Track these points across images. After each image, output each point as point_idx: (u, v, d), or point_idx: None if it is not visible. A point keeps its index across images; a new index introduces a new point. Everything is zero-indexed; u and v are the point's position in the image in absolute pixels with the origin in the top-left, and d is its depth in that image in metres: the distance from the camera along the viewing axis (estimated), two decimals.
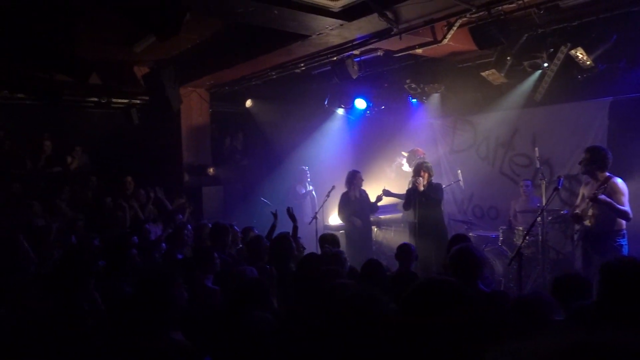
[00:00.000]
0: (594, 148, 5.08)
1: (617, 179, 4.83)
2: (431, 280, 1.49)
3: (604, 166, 4.87)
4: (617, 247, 4.75)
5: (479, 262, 3.24)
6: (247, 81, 8.53)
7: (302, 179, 8.70)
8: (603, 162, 4.86)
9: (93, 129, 9.76)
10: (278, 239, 4.50)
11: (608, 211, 4.75)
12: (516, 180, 7.78)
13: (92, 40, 5.56)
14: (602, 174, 4.87)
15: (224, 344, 2.52)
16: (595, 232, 4.91)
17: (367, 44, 6.34)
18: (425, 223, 6.07)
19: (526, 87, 6.99)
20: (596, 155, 4.92)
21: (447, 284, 1.45)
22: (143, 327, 2.41)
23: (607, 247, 4.75)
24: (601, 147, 5.10)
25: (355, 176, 7.32)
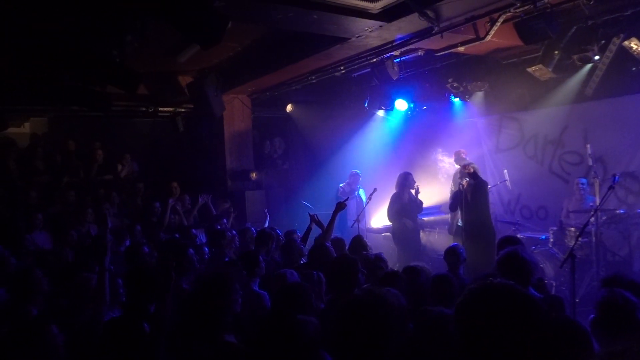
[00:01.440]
0: None
1: None
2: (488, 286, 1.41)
3: None
4: None
5: (529, 267, 3.11)
6: (287, 86, 8.62)
7: (353, 182, 8.60)
8: None
9: (141, 137, 10.15)
10: (316, 246, 4.52)
11: None
12: (567, 179, 7.48)
13: (140, 52, 5.77)
14: None
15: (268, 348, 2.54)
16: None
17: (407, 45, 6.26)
18: (471, 225, 5.92)
19: (576, 81, 6.73)
20: None
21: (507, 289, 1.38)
22: (200, 329, 2.46)
23: None
24: None
25: (408, 178, 7.26)
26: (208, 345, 2.49)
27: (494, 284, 1.40)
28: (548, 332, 1.32)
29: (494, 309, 1.33)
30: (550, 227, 6.83)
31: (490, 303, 1.34)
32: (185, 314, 2.57)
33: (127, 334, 2.85)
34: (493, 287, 1.38)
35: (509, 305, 1.32)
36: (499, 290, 1.37)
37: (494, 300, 1.34)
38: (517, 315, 1.30)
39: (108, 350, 2.78)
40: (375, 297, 1.85)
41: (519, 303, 1.32)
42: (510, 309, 1.32)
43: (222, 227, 7.01)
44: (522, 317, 1.30)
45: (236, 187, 9.39)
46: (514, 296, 1.34)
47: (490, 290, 1.38)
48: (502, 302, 1.33)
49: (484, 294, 1.37)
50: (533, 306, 1.32)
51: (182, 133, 9.79)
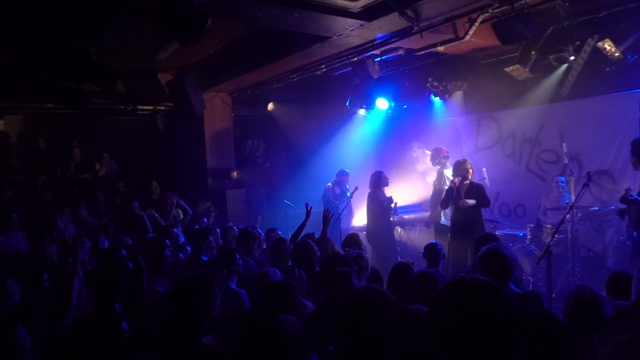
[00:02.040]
0: (636, 141, 4.89)
1: None
2: (461, 281, 1.44)
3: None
4: None
5: (510, 263, 3.16)
6: (268, 84, 8.59)
7: (342, 182, 8.54)
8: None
9: (120, 135, 10.01)
10: (300, 244, 4.51)
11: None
12: (543, 177, 7.62)
13: (118, 49, 5.68)
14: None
15: (249, 347, 2.53)
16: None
17: (387, 44, 6.31)
18: (463, 223, 5.96)
19: (552, 81, 6.85)
20: (637, 148, 4.76)
21: (479, 283, 1.40)
22: (177, 331, 2.43)
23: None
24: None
25: (382, 176, 7.32)
26: (184, 348, 2.47)
27: (466, 279, 1.42)
28: (521, 325, 1.35)
29: (466, 304, 1.35)
30: (527, 225, 6.96)
31: (462, 298, 1.36)
32: (162, 316, 2.54)
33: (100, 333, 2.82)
34: (465, 282, 1.41)
35: (481, 299, 1.35)
36: (471, 285, 1.39)
37: (466, 295, 1.37)
38: (489, 309, 1.33)
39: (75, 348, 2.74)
40: (377, 293, 1.88)
41: (491, 297, 1.35)
42: (483, 303, 1.34)
43: (201, 226, 6.97)
44: (494, 310, 1.33)
45: (217, 186, 9.33)
46: (485, 290, 1.36)
47: (462, 285, 1.40)
48: (474, 297, 1.36)
49: (456, 289, 1.39)
50: (505, 300, 1.35)
51: (162, 131, 9.69)
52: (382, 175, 7.35)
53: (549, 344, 2.16)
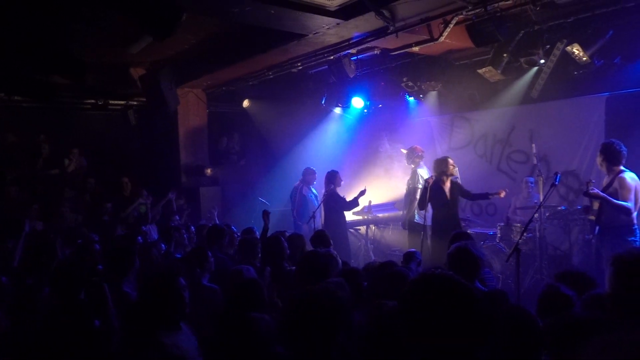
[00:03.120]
0: (604, 144, 5.04)
1: (627, 173, 4.79)
2: (426, 276, 1.47)
3: (615, 160, 4.84)
4: (625, 242, 4.66)
5: (476, 261, 3.23)
6: (244, 81, 8.53)
7: (310, 180, 8.39)
8: (613, 156, 4.85)
9: (90, 130, 9.75)
10: (270, 239, 4.50)
11: (608, 206, 4.75)
12: (513, 177, 7.80)
13: (88, 42, 5.54)
14: (616, 168, 4.85)
15: (221, 344, 2.52)
16: (602, 227, 4.91)
17: (363, 43, 6.35)
18: (446, 223, 5.97)
19: (523, 83, 7.01)
20: (605, 149, 4.92)
21: (445, 278, 1.43)
22: (149, 327, 2.40)
23: (614, 242, 4.70)
24: (612, 142, 4.99)
25: (336, 176, 7.39)
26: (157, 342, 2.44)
27: (429, 274, 1.46)
28: (485, 320, 1.38)
29: (433, 298, 1.38)
30: (498, 223, 7.11)
31: (429, 292, 1.39)
32: (132, 314, 2.51)
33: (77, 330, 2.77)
34: (428, 277, 1.44)
35: (446, 293, 1.38)
36: (434, 279, 1.43)
37: (433, 290, 1.40)
38: (455, 303, 1.36)
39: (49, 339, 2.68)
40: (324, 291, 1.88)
41: (456, 291, 1.38)
42: (448, 297, 1.37)
43: (174, 223, 6.88)
44: (458, 304, 1.36)
45: (191, 183, 9.21)
46: (448, 284, 1.40)
47: (426, 279, 1.44)
48: (439, 291, 1.39)
49: (423, 284, 1.42)
50: (467, 294, 1.38)
51: (134, 127, 9.50)
52: (337, 175, 7.39)
53: (524, 340, 2.21)
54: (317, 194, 8.37)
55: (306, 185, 8.28)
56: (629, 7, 5.28)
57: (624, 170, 4.83)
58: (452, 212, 6.09)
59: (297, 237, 5.02)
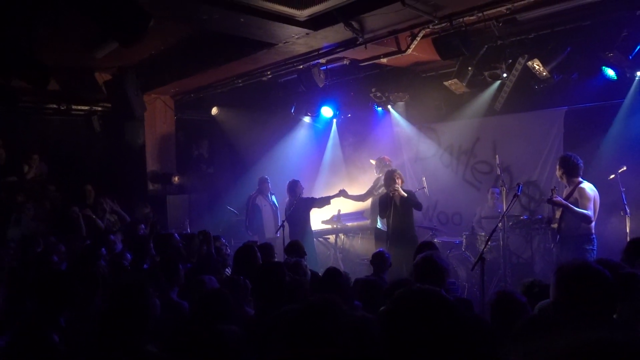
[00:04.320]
0: (563, 157, 5.24)
1: (586, 184, 4.98)
2: (416, 291, 1.49)
3: (574, 172, 5.04)
4: (583, 251, 4.85)
5: (442, 271, 3.27)
6: (212, 89, 8.46)
7: (265, 190, 8.30)
8: (572, 169, 5.05)
9: (52, 136, 9.42)
10: (243, 249, 4.44)
11: (570, 214, 4.93)
12: (478, 186, 7.99)
13: (52, 45, 5.38)
14: (575, 180, 5.05)
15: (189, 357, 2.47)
16: (562, 236, 5.09)
17: (333, 53, 6.42)
18: (398, 231, 6.08)
19: (487, 96, 7.20)
20: (564, 163, 5.12)
21: (431, 293, 1.45)
22: (120, 340, 2.34)
23: (573, 251, 4.87)
24: (569, 155, 5.21)
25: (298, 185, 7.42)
26: (130, 356, 2.37)
27: (419, 290, 1.48)
28: (465, 332, 1.41)
29: (420, 313, 1.41)
30: (463, 232, 7.25)
31: (417, 308, 1.41)
32: (102, 326, 2.43)
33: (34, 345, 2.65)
34: (418, 293, 1.46)
35: (433, 309, 1.41)
36: (423, 295, 1.46)
37: (421, 305, 1.42)
38: (441, 318, 1.40)
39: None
40: (329, 303, 1.90)
41: (442, 306, 1.41)
42: (435, 313, 1.40)
43: (141, 232, 6.70)
44: (444, 319, 1.39)
45: (157, 191, 9.03)
46: (436, 300, 1.42)
47: (415, 295, 1.46)
48: (427, 307, 1.42)
49: (411, 300, 1.44)
50: (454, 309, 1.41)
51: (99, 133, 9.25)
52: (298, 183, 7.43)
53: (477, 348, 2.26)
54: (276, 203, 8.32)
55: (261, 194, 8.20)
56: (586, 25, 5.55)
57: (582, 181, 5.03)
58: (403, 222, 6.18)
59: (268, 247, 4.97)
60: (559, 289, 2.07)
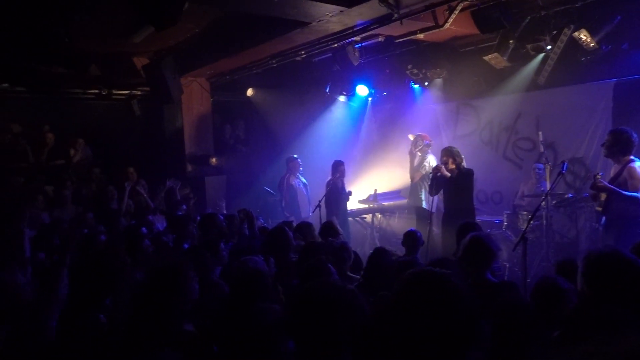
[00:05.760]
0: (616, 130, 4.85)
1: (637, 163, 4.60)
2: (420, 273, 1.46)
3: (627, 149, 4.65)
4: (632, 235, 4.41)
5: (490, 254, 3.21)
6: (247, 70, 8.48)
7: (295, 169, 8.30)
8: (625, 145, 4.65)
9: (95, 120, 9.75)
10: (276, 230, 4.49)
11: (616, 197, 4.66)
12: (520, 164, 7.75)
13: (90, 32, 5.50)
14: (625, 158, 4.67)
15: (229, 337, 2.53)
16: (608, 218, 4.80)
17: (367, 30, 6.28)
18: (450, 211, 5.92)
19: (529, 70, 6.92)
20: (618, 137, 4.70)
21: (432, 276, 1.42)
22: (158, 319, 2.42)
23: (620, 234, 4.57)
24: (624, 129, 4.79)
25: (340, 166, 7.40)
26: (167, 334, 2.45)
27: (418, 271, 1.45)
28: (475, 320, 1.37)
29: (421, 296, 1.38)
30: (504, 211, 7.08)
31: (414, 289, 1.40)
32: (141, 305, 2.51)
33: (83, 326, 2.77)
34: (417, 274, 1.44)
35: (434, 292, 1.38)
36: (422, 276, 1.43)
37: (418, 286, 1.40)
38: (442, 302, 1.36)
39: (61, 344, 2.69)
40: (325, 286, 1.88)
41: (441, 289, 1.38)
42: (435, 296, 1.37)
43: (182, 213, 6.87)
44: (446, 304, 1.36)
45: (196, 173, 9.22)
46: (440, 284, 1.39)
47: (415, 276, 1.43)
48: (424, 288, 1.39)
49: (410, 281, 1.43)
50: (454, 292, 1.38)
51: (139, 117, 9.50)
52: (339, 166, 7.39)
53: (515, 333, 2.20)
54: (306, 182, 8.34)
55: (292, 174, 8.22)
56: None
57: (634, 159, 4.67)
58: (461, 201, 5.97)
59: (308, 227, 5.00)
60: (586, 277, 1.96)
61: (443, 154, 6.09)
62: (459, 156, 6.04)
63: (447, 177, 5.96)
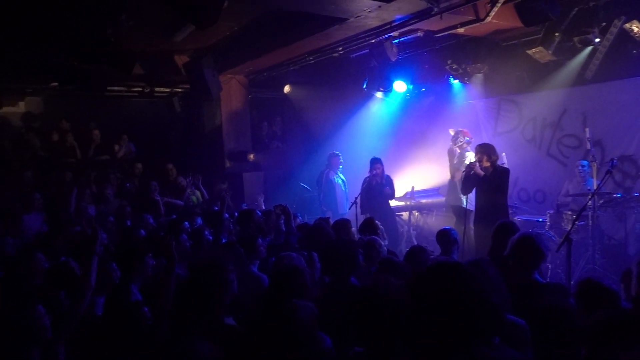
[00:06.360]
0: None
1: None
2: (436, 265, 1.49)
3: None
4: None
5: (539, 254, 3.14)
6: (285, 67, 8.54)
7: (335, 165, 8.35)
8: None
9: (137, 117, 10.07)
10: (314, 227, 4.51)
11: None
12: (565, 162, 7.47)
13: (135, 32, 5.67)
14: None
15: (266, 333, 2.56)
16: None
17: (406, 25, 6.19)
18: (483, 210, 5.76)
19: (576, 64, 6.67)
20: None
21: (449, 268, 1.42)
22: (198, 312, 2.48)
23: None
24: None
25: (375, 163, 7.32)
26: (208, 328, 2.51)
27: (436, 262, 1.53)
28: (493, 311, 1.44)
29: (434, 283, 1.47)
30: (547, 211, 6.85)
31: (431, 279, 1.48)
32: (182, 299, 2.58)
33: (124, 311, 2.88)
34: (435, 265, 1.52)
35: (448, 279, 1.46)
36: (439, 266, 1.51)
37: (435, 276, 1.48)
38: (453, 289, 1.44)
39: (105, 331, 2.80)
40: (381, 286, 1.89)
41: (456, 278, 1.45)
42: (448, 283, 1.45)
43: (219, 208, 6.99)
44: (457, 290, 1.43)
45: (234, 169, 9.37)
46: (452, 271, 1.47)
47: (431, 267, 1.52)
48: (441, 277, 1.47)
49: (426, 272, 1.51)
50: (470, 282, 1.46)
51: (179, 114, 9.73)
52: (376, 162, 7.33)
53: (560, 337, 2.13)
54: (344, 180, 8.34)
55: (332, 169, 8.24)
56: None
57: None
58: (494, 199, 5.78)
59: (345, 224, 4.98)
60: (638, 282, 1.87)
61: (477, 151, 5.91)
62: (495, 154, 5.83)
63: (480, 176, 5.80)
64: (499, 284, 2.77)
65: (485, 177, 5.76)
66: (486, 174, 5.76)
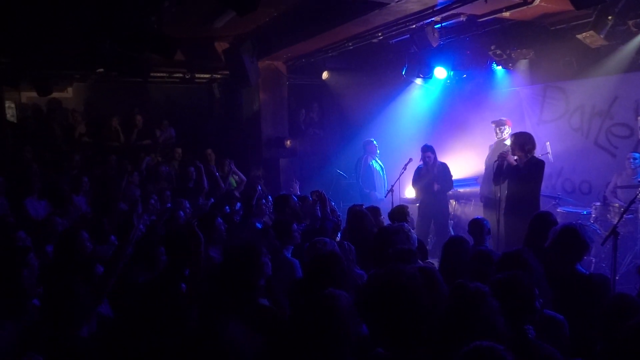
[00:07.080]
0: None
1: None
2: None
3: None
4: None
5: (583, 245, 3.08)
6: (323, 53, 8.48)
7: (372, 152, 8.48)
8: None
9: (178, 103, 10.30)
10: (354, 214, 4.49)
11: None
12: (614, 152, 7.14)
13: (176, 19, 5.76)
14: None
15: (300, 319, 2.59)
16: None
17: (449, 10, 6.01)
18: (514, 201, 5.59)
19: (630, 49, 6.33)
20: None
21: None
22: (235, 293, 2.54)
23: None
24: None
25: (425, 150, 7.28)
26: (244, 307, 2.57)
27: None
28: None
29: None
30: (593, 203, 6.59)
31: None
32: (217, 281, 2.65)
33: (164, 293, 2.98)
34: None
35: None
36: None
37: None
38: None
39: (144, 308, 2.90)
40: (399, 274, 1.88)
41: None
42: None
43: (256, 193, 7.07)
44: None
45: (271, 155, 9.45)
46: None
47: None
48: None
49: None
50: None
51: (218, 100, 9.87)
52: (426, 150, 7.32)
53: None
54: (382, 166, 8.34)
55: (370, 155, 8.29)
56: None
57: None
58: (525, 191, 5.55)
59: (374, 209, 4.98)
60: None
61: (512, 140, 5.71)
62: (530, 143, 5.60)
63: (512, 166, 5.59)
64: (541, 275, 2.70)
65: (518, 167, 5.56)
66: (519, 164, 5.56)
